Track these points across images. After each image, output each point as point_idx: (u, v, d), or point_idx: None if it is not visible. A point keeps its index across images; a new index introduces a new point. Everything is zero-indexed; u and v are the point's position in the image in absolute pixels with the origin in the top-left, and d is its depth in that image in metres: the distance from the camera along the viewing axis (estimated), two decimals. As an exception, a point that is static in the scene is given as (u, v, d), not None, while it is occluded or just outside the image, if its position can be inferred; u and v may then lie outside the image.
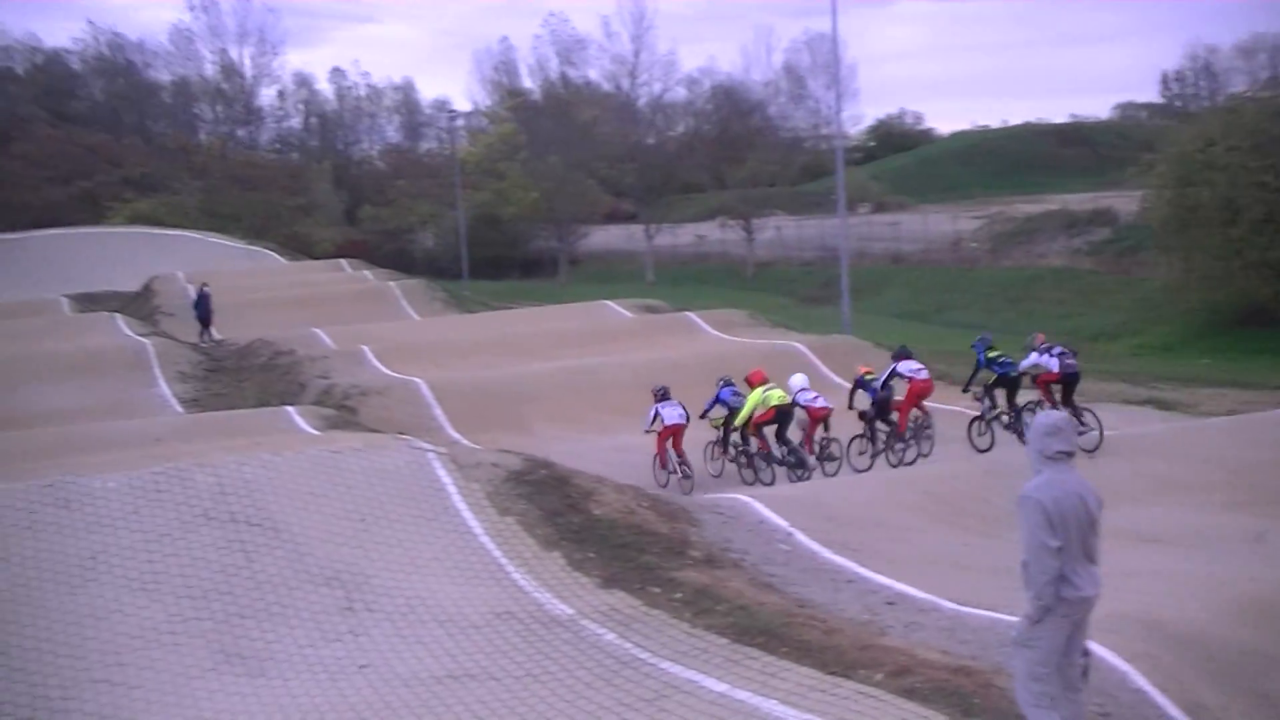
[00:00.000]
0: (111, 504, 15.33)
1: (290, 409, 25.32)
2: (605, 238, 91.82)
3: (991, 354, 23.65)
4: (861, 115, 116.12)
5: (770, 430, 22.83)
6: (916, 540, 16.36)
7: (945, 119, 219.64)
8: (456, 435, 26.49)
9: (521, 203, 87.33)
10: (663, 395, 23.49)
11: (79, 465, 16.98)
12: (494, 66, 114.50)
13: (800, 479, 21.81)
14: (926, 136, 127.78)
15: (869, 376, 24.41)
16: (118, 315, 43.33)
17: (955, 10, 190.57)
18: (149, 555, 14.42)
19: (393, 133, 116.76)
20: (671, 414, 23.15)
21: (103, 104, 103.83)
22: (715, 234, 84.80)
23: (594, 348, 32.14)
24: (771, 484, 21.90)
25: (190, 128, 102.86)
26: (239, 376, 33.68)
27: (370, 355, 34.19)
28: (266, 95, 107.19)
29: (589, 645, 12.33)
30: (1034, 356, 22.54)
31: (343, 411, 26.57)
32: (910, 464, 23.02)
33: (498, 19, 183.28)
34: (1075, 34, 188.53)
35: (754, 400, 22.71)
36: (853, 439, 23.61)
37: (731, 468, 23.40)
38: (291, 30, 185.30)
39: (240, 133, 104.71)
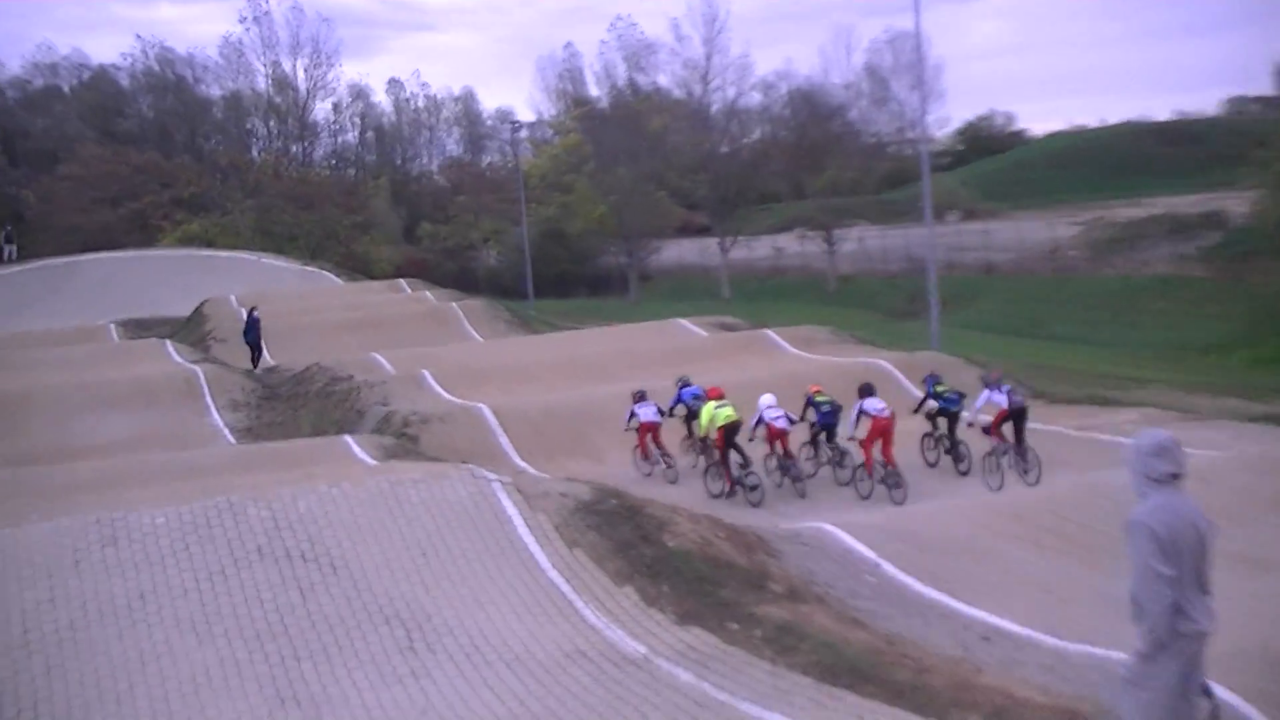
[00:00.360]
0: (161, 541, 15.47)
1: (348, 438, 25.42)
2: (678, 252, 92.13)
3: (939, 389, 26.13)
4: (948, 117, 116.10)
5: (728, 446, 24.67)
6: (1013, 569, 16.17)
7: (1039, 119, 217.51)
8: (522, 463, 26.50)
9: (589, 217, 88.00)
10: (640, 397, 27.02)
11: (127, 500, 17.11)
12: (559, 74, 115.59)
13: (754, 504, 23.36)
14: (1019, 138, 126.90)
15: (820, 398, 25.78)
16: (168, 341, 43.73)
17: (1046, 2, 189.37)
18: (200, 594, 14.53)
19: (453, 146, 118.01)
20: (647, 412, 26.58)
21: (152, 121, 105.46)
22: (794, 246, 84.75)
23: (668, 368, 31.79)
24: (719, 497, 23.95)
25: (242, 144, 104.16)
26: (294, 404, 33.81)
27: (431, 380, 34.17)
28: (321, 109, 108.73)
29: (664, 686, 12.23)
30: (986, 393, 24.70)
31: (403, 440, 26.62)
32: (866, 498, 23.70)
33: (563, 24, 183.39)
34: (1178, 24, 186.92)
35: (707, 416, 24.92)
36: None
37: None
38: (346, 40, 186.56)
39: (294, 148, 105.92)
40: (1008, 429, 24.28)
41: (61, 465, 25.43)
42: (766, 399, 25.41)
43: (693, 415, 26.44)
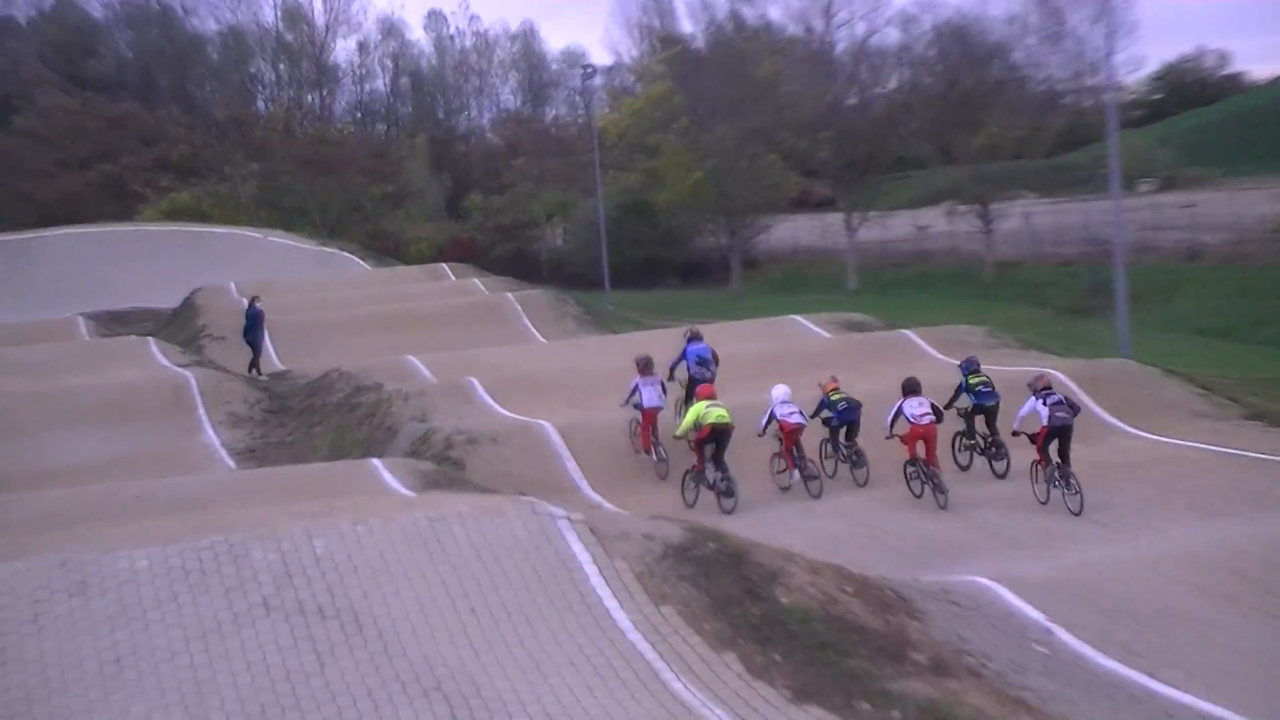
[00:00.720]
0: (143, 590, 15.55)
1: (376, 462, 25.49)
2: (792, 231, 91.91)
3: (973, 380, 28.10)
4: (1142, 58, 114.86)
5: (709, 450, 26.48)
6: (1226, 639, 15.95)
7: (1262, 59, 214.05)
8: (596, 496, 26.63)
9: (681, 187, 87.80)
10: (646, 367, 29.11)
11: (100, 539, 17.19)
12: (643, 6, 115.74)
13: (726, 511, 25.35)
14: (1234, 85, 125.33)
15: (835, 396, 28.01)
16: (151, 340, 44.02)
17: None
18: (191, 658, 14.52)
19: (509, 96, 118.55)
20: (651, 396, 28.70)
21: (131, 63, 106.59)
22: (940, 224, 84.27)
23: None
24: (694, 506, 25.74)
25: (244, 93, 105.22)
26: (308, 419, 34.07)
27: (481, 390, 34.29)
28: (343, 49, 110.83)
29: (775, 781, 12.17)
30: (1031, 402, 25.74)
31: (445, 465, 26.80)
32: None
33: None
34: None
35: (694, 414, 26.48)
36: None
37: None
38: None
39: (309, 99, 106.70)
40: (1052, 447, 25.33)
41: (17, 495, 25.34)
42: (779, 391, 27.67)
43: (697, 383, 29.02)
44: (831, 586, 16.14)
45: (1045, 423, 25.09)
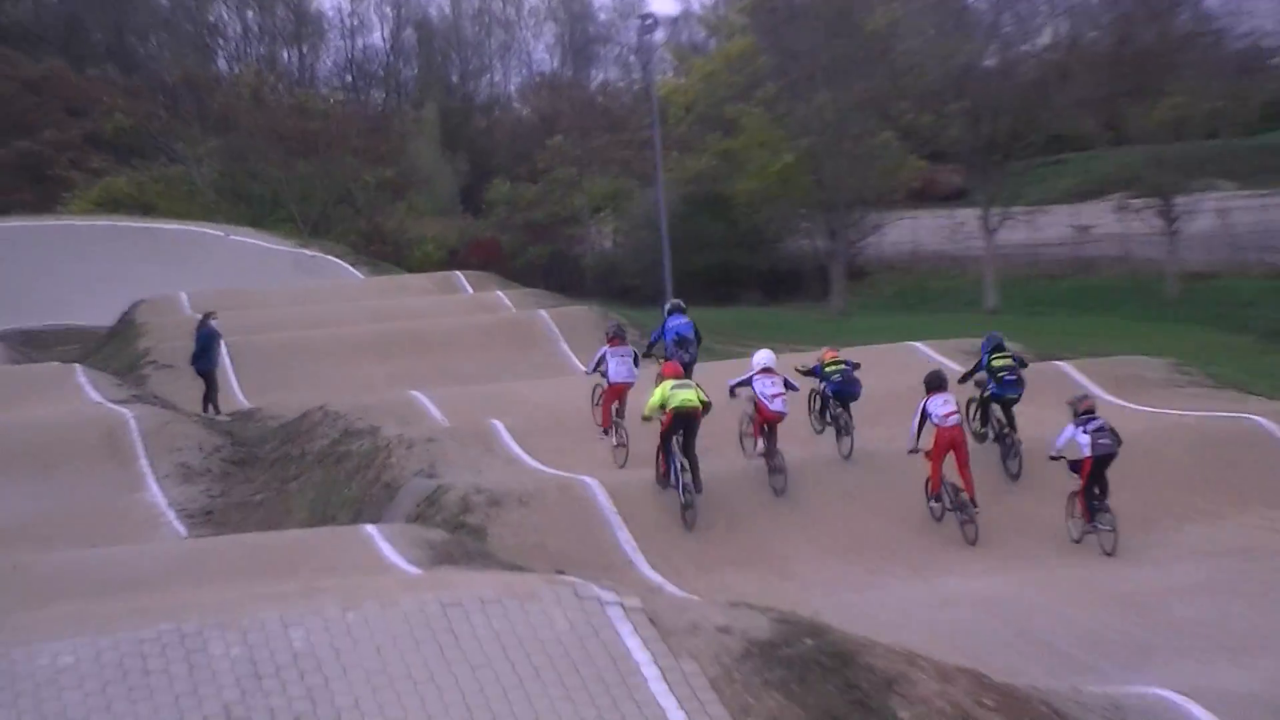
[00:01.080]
0: (67, 694, 15.42)
1: (371, 529, 25.45)
2: (912, 232, 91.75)
3: (997, 360, 30.93)
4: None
5: (676, 440, 29.14)
6: None
7: None
8: (656, 576, 26.64)
9: (766, 173, 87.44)
10: (616, 337, 32.81)
11: (12, 627, 17.20)
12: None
13: (688, 525, 28.12)
14: None
15: (831, 365, 32.07)
16: (79, 368, 44.34)
17: None
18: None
19: (543, 56, 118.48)
20: (619, 369, 32.27)
21: (55, 9, 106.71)
22: (1108, 224, 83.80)
23: (898, 422, 31.46)
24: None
25: (202, 50, 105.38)
26: (282, 472, 34.22)
27: (507, 436, 34.37)
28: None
29: None
30: (1070, 430, 28.04)
31: (461, 533, 26.74)
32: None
33: None
34: None
35: (659, 395, 29.21)
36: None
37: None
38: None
39: (286, 56, 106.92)
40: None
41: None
42: (762, 356, 31.05)
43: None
44: (967, 698, 16.05)
45: (1088, 452, 27.33)
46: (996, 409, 30.89)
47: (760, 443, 30.56)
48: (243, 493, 33.26)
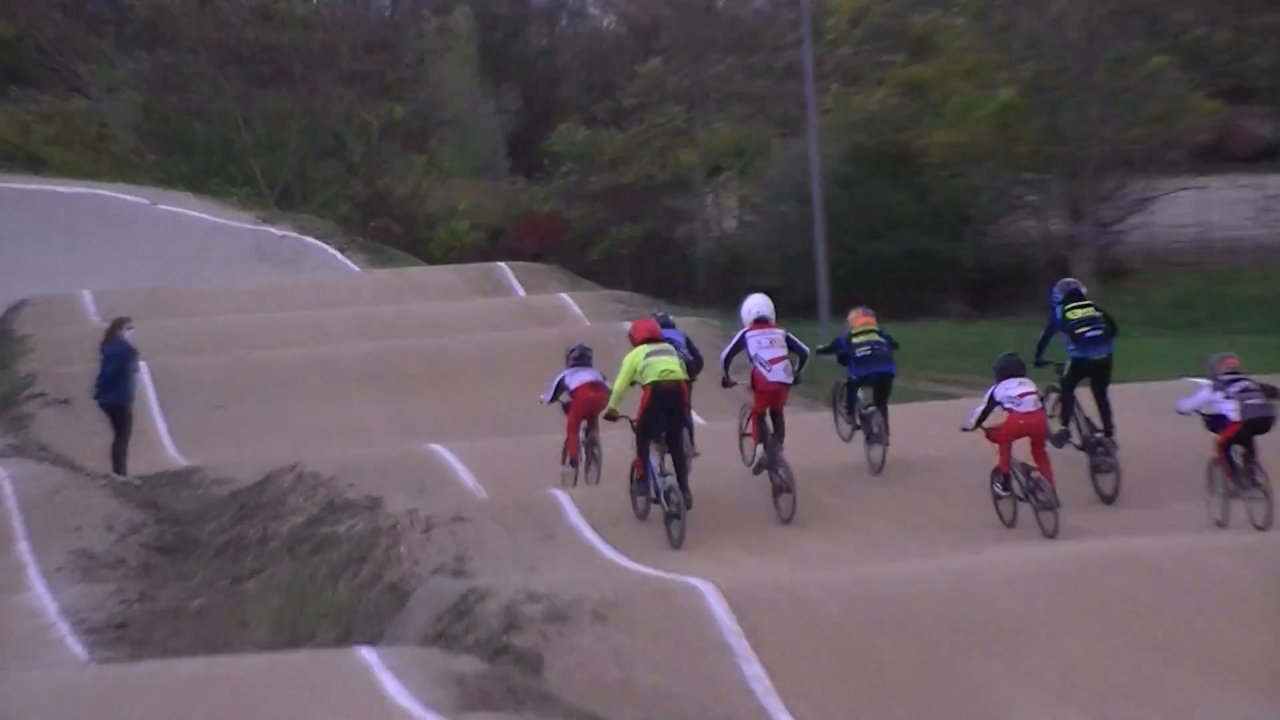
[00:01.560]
0: None
1: (368, 654, 20.95)
2: (1197, 209, 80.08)
3: (1074, 309, 28.00)
4: None
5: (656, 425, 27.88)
6: None
7: None
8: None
9: (975, 116, 75.97)
10: (580, 357, 30.64)
11: None
12: None
13: (674, 541, 26.73)
14: None
15: (860, 333, 29.16)
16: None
17: None
18: None
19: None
20: (581, 380, 29.98)
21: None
22: None
23: (1173, 492, 28.99)
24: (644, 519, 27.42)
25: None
26: (234, 565, 30.19)
27: (573, 514, 29.47)
28: None
29: None
30: (1204, 392, 26.97)
31: (504, 662, 22.12)
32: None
33: None
34: None
35: (629, 366, 27.07)
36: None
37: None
38: None
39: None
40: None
41: None
42: (755, 303, 28.52)
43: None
44: None
45: (1235, 417, 26.21)
46: (1081, 393, 28.48)
47: (754, 436, 28.34)
48: (173, 595, 29.17)
